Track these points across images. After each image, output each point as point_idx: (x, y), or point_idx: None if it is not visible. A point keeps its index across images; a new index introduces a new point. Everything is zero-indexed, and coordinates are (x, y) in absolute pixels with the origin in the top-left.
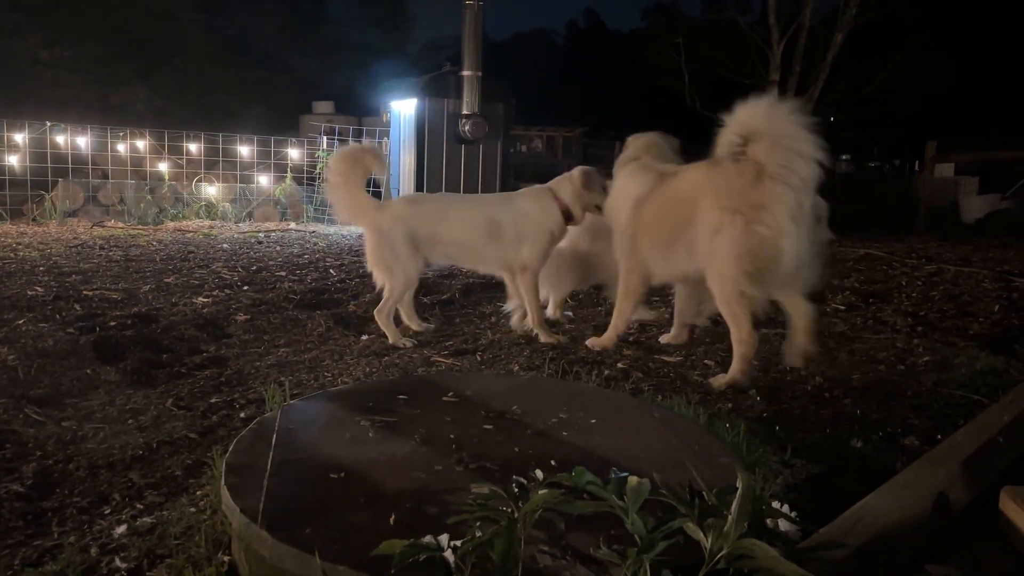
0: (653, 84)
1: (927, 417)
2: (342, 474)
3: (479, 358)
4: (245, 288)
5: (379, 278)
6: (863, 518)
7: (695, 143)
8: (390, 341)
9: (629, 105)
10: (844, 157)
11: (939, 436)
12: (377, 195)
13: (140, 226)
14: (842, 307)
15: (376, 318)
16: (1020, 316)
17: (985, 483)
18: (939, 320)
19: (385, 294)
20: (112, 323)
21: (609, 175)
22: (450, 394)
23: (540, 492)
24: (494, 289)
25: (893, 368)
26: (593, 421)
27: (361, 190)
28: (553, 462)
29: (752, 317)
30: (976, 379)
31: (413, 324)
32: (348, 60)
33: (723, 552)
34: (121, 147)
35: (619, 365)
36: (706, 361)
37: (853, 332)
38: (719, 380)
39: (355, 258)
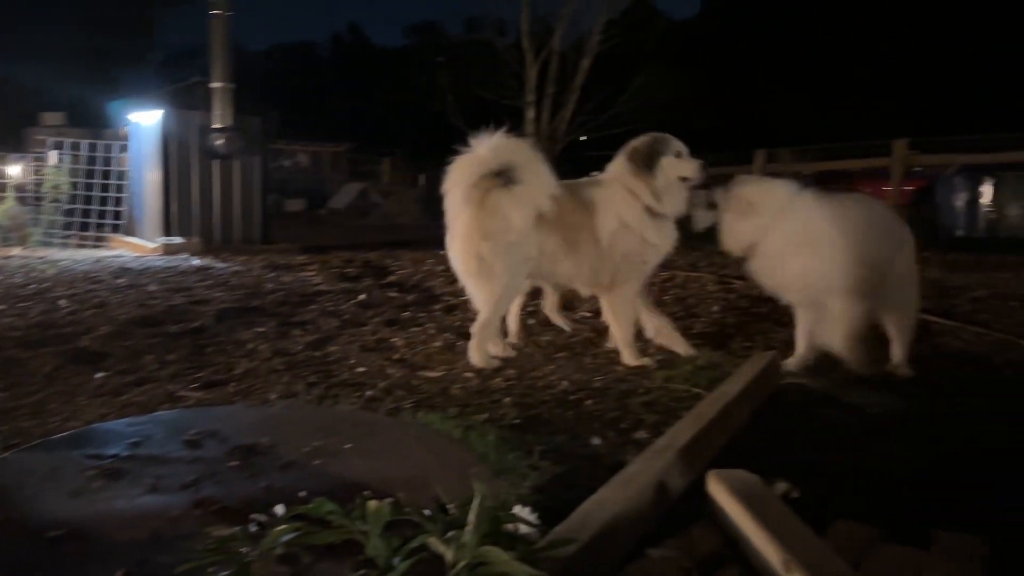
0: (419, 101)
1: (656, 412)
2: (63, 532)
3: (232, 389)
4: None
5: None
6: (594, 512)
7: None
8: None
9: (395, 121)
10: (594, 174)
11: (664, 428)
12: (118, 214)
13: None
14: (588, 314)
15: None
16: (735, 315)
17: (699, 469)
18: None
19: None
20: None
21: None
22: (192, 432)
23: (279, 528)
24: (251, 314)
25: (630, 368)
26: (348, 446)
27: None
28: (303, 493)
29: None
30: (698, 374)
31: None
32: (81, 67)
33: (463, 563)
34: None
35: (381, 385)
36: (466, 374)
37: (597, 337)
38: None
39: (90, 286)
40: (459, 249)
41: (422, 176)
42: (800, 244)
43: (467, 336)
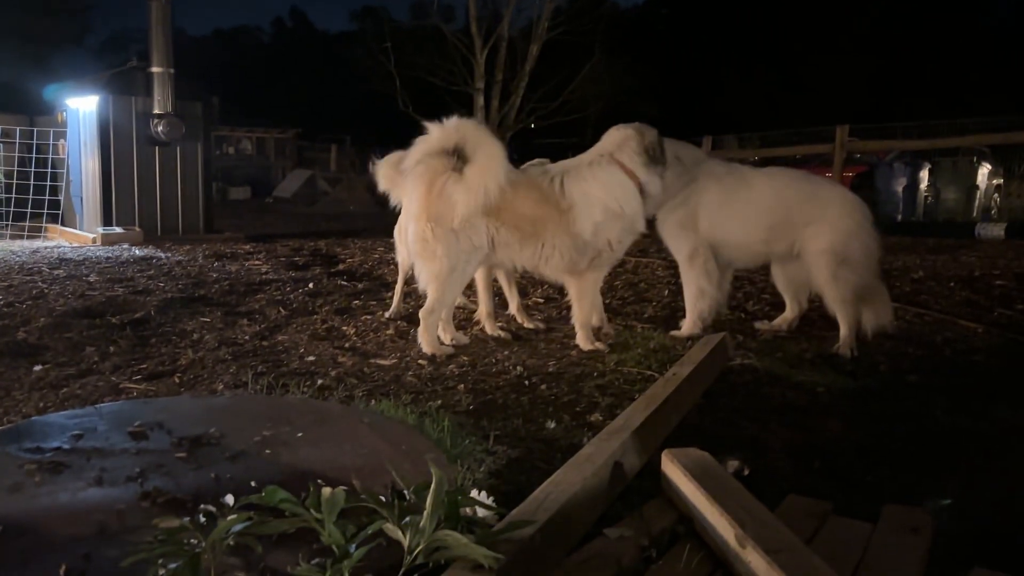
0: (366, 87)
1: (610, 394)
2: (1, 529)
3: (177, 380)
4: None
5: None
6: (551, 494)
7: (410, 145)
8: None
9: (344, 107)
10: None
11: (618, 411)
12: (55, 204)
13: None
14: (541, 300)
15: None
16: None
17: (653, 449)
18: (621, 306)
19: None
20: None
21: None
22: (137, 423)
23: (229, 518)
24: (196, 304)
25: (583, 353)
26: (299, 435)
27: None
28: (254, 483)
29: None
30: (650, 356)
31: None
32: (13, 51)
33: (420, 547)
34: None
35: (333, 373)
36: (420, 361)
37: (549, 323)
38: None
39: (26, 277)
40: (411, 230)
41: (371, 163)
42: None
43: (419, 323)
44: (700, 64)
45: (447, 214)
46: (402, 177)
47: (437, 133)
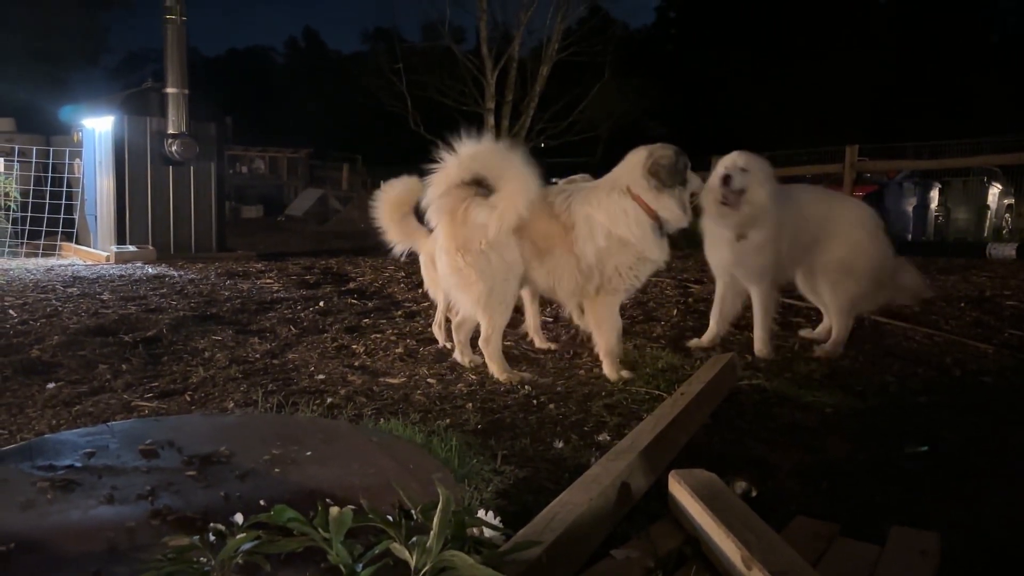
0: (378, 107)
1: (618, 414)
2: (12, 546)
3: (189, 398)
4: None
5: None
6: (558, 514)
7: (422, 164)
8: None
9: (355, 127)
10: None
11: (626, 431)
12: (70, 222)
13: None
14: (550, 319)
15: None
16: (694, 318)
17: (660, 470)
18: (630, 326)
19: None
20: None
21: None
22: (148, 441)
23: (238, 537)
24: (207, 322)
25: (591, 372)
26: (308, 453)
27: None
28: (263, 502)
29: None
30: (658, 376)
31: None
32: (31, 71)
33: (427, 567)
34: None
35: (342, 392)
36: (429, 380)
37: (558, 342)
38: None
39: (41, 295)
40: (442, 263)
41: (382, 182)
42: None
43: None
44: (709, 84)
45: (474, 238)
46: (407, 222)
47: (454, 167)
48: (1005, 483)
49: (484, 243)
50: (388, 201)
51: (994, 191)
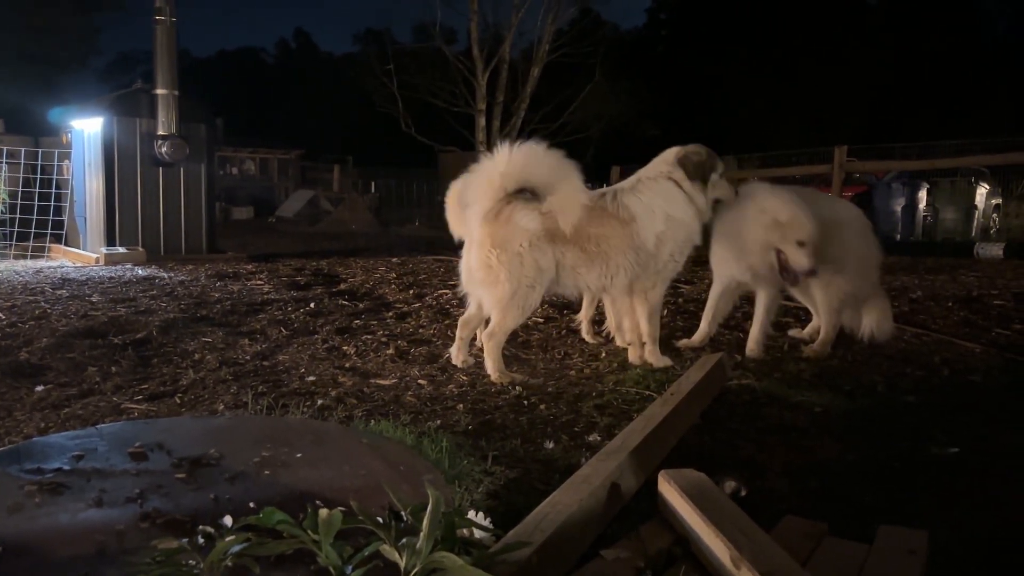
0: (369, 108)
1: (608, 414)
2: (0, 550)
3: (179, 400)
4: None
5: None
6: (548, 515)
7: (413, 166)
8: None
9: (346, 128)
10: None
11: (616, 431)
12: (59, 224)
13: None
14: (540, 319)
15: None
16: (684, 318)
17: (651, 470)
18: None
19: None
20: None
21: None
22: (137, 444)
23: (227, 539)
24: (198, 324)
25: (582, 373)
26: (298, 455)
27: None
28: (252, 504)
29: None
30: (648, 377)
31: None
32: (19, 72)
33: (416, 569)
34: None
35: (332, 393)
36: (420, 381)
37: (549, 342)
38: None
39: (30, 297)
40: (472, 258)
41: (373, 183)
42: None
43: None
44: (700, 85)
45: (513, 239)
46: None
47: (498, 179)
48: (994, 482)
49: (523, 245)
50: (453, 196)
51: (982, 191)
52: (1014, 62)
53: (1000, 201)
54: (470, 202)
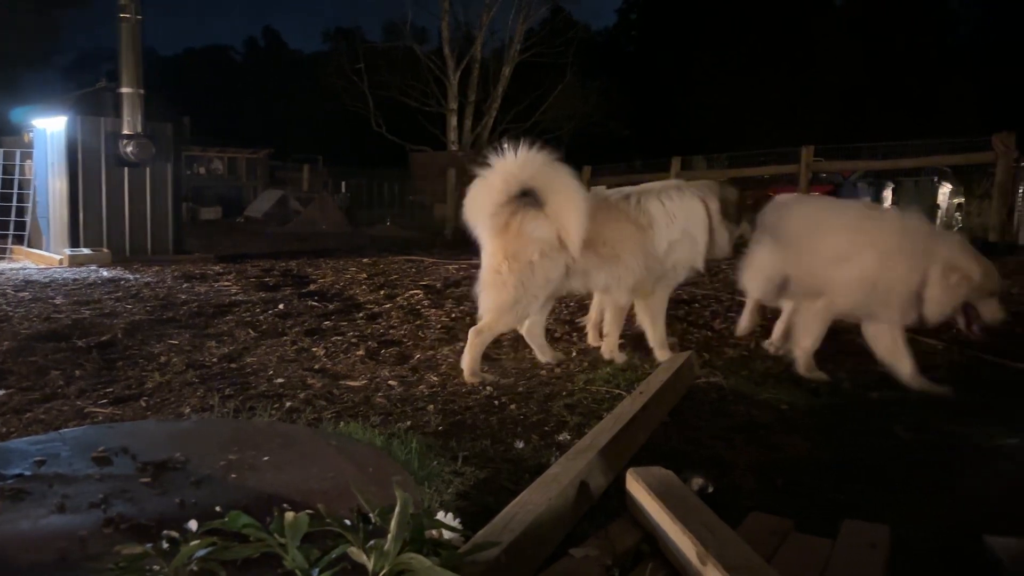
0: (339, 107)
1: (578, 413)
2: None
3: (144, 404)
4: None
5: None
6: (517, 515)
7: (384, 165)
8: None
9: (316, 127)
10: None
11: (586, 429)
12: (21, 225)
13: None
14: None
15: None
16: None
17: (619, 468)
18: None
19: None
20: None
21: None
22: (101, 448)
23: (192, 544)
24: (164, 326)
25: (552, 372)
26: (265, 459)
27: None
28: (218, 508)
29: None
30: (618, 375)
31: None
32: None
33: (384, 570)
34: None
35: (301, 396)
36: (390, 382)
37: (520, 341)
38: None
39: None
40: (484, 261)
41: (344, 182)
42: None
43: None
44: (670, 85)
45: (525, 251)
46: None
47: (500, 182)
48: (954, 475)
49: (535, 256)
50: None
51: (944, 190)
52: (979, 63)
53: (962, 200)
54: (476, 217)
